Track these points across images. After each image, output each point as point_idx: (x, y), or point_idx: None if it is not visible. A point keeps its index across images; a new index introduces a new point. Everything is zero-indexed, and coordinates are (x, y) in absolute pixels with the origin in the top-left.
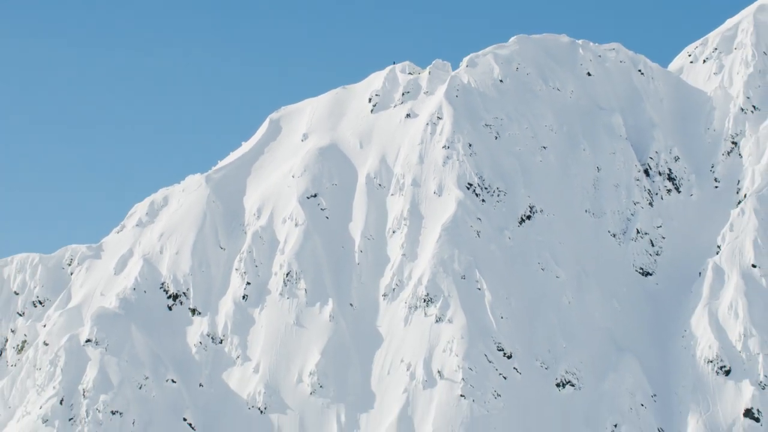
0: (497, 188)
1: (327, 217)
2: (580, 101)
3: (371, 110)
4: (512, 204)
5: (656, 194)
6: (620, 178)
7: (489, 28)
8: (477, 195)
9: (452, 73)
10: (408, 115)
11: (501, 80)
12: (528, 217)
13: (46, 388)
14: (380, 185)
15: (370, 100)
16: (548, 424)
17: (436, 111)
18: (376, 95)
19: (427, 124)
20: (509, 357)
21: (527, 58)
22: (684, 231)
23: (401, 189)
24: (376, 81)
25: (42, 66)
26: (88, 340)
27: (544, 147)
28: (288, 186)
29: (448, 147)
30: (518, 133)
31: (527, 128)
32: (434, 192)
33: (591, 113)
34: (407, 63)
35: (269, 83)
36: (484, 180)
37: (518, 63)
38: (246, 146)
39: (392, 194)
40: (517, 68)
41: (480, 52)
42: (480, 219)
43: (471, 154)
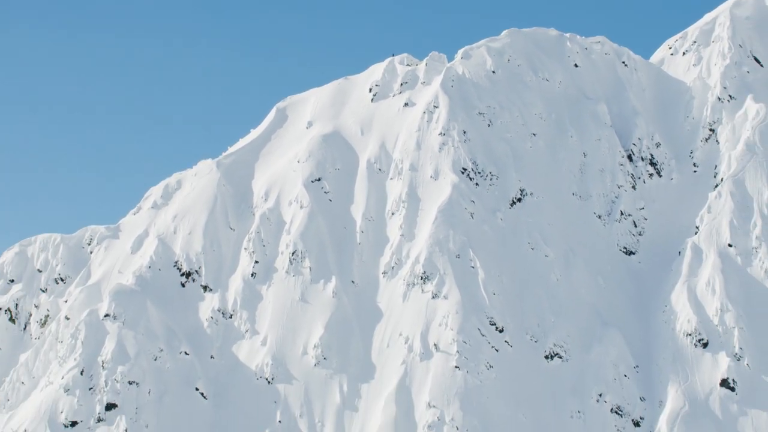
0: (490, 173)
1: (330, 200)
2: (568, 91)
3: (371, 99)
4: (504, 187)
5: (639, 178)
6: (605, 163)
7: (482, 23)
8: (471, 179)
9: (447, 65)
10: (406, 104)
11: (493, 71)
12: (519, 200)
13: (68, 360)
14: (380, 170)
15: (371, 90)
16: (537, 394)
17: (433, 100)
18: (376, 85)
19: (424, 113)
20: (501, 331)
21: (518, 51)
22: (665, 213)
23: (400, 173)
24: (376, 72)
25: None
26: (107, 315)
27: (534, 134)
28: (294, 170)
29: (444, 134)
30: (509, 121)
31: (518, 116)
32: (431, 176)
33: (578, 102)
34: (405, 55)
35: (276, 74)
36: (478, 165)
37: (509, 55)
38: (254, 133)
39: (391, 178)
40: (509, 60)
41: (474, 45)
42: (474, 201)
43: (465, 141)
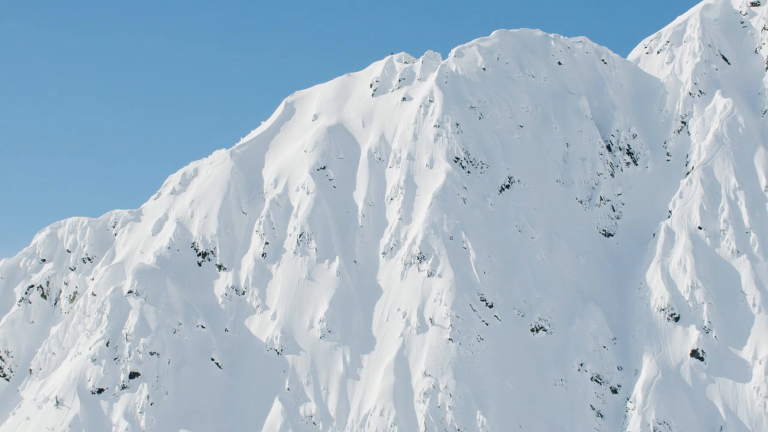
0: (480, 161)
1: (334, 187)
2: (552, 86)
3: (372, 94)
4: (493, 175)
5: (617, 166)
6: (586, 153)
7: (474, 24)
8: (463, 167)
9: (442, 62)
10: (404, 99)
11: (484, 68)
12: (507, 187)
13: (94, 333)
14: (380, 159)
15: (371, 86)
16: (524, 364)
17: (428, 95)
18: (377, 81)
19: (420, 106)
20: (490, 306)
21: (506, 50)
22: (640, 198)
23: (398, 162)
24: (377, 69)
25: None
26: (130, 292)
27: (521, 126)
28: (301, 159)
29: (438, 126)
30: (498, 114)
31: (506, 110)
32: (426, 165)
33: (561, 97)
34: (403, 54)
35: (285, 71)
36: (469, 154)
37: (498, 54)
38: (264, 125)
39: (390, 167)
40: (498, 58)
41: (466, 44)
42: (466, 188)
43: (458, 132)
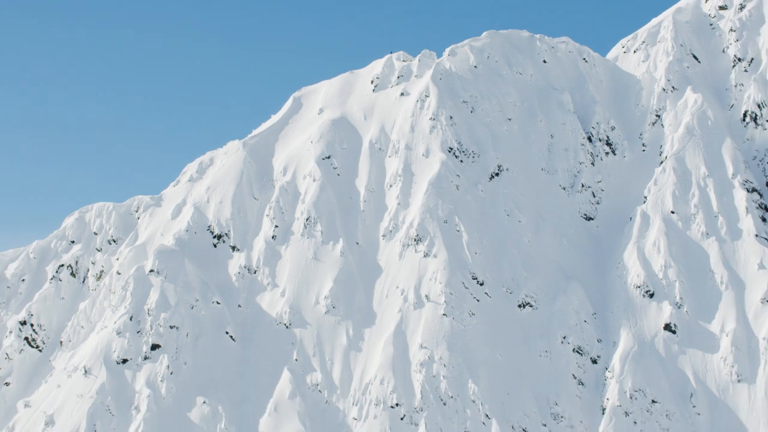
0: (472, 151)
1: (338, 174)
2: (538, 83)
3: (373, 90)
4: (484, 164)
5: (597, 156)
6: (569, 144)
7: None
8: (456, 157)
9: (437, 61)
10: (402, 94)
11: (475, 66)
12: (496, 174)
13: (119, 308)
14: (380, 149)
15: (372, 82)
16: (511, 337)
17: (424, 90)
18: (377, 78)
19: (417, 101)
20: (481, 284)
21: (496, 49)
22: (618, 185)
23: (397, 152)
24: (377, 67)
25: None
26: (151, 271)
27: (509, 119)
28: (307, 150)
29: (434, 119)
30: (489, 108)
31: (496, 104)
32: (422, 154)
33: (546, 92)
34: (401, 53)
35: (293, 69)
36: (462, 145)
37: (489, 53)
38: (274, 118)
39: (389, 156)
40: (488, 57)
41: (459, 44)
42: (459, 176)
43: (452, 125)
